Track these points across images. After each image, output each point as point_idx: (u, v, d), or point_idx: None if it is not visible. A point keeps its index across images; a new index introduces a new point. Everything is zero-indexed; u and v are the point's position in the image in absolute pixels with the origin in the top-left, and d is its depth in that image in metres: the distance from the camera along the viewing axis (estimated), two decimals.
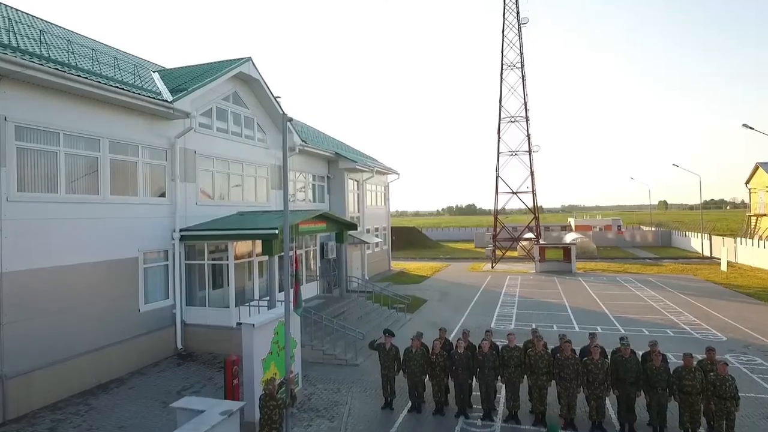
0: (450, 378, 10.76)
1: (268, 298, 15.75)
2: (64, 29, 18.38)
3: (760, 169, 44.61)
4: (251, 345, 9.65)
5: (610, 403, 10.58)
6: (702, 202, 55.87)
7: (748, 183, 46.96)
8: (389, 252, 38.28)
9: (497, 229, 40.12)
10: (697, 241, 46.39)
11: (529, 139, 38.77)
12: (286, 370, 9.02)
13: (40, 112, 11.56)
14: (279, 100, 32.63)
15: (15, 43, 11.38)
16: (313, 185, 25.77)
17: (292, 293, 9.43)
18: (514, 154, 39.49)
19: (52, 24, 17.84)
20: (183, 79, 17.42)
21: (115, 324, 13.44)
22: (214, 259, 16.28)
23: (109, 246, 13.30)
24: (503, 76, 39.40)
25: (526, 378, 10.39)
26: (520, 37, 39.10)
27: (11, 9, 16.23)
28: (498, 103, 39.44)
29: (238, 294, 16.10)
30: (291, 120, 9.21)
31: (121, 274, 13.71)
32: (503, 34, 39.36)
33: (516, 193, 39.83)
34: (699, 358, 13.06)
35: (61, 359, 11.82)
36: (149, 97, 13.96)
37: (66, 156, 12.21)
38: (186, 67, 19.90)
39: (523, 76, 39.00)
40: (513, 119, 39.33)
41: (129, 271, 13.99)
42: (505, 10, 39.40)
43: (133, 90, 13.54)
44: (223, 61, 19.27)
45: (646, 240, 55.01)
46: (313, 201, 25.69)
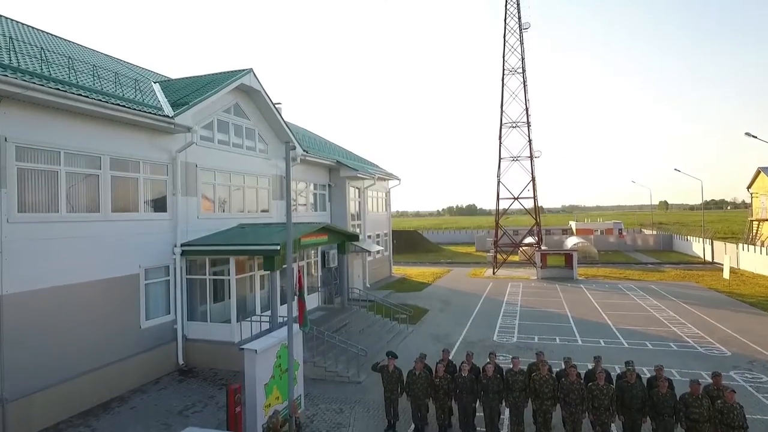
0: (454, 401, 10.68)
1: (270, 313, 15.66)
2: (66, 41, 18.35)
3: (762, 173, 44.53)
4: (254, 371, 9.57)
5: (616, 429, 10.49)
6: (703, 202, 55.79)
7: (749, 187, 46.85)
8: (390, 258, 38.22)
9: (498, 235, 40.02)
10: (698, 246, 46.28)
11: (530, 144, 38.67)
12: (289, 395, 8.96)
13: (41, 131, 11.48)
14: (279, 106, 32.68)
15: (16, 62, 11.31)
16: (315, 194, 25.68)
17: (295, 307, 9.40)
18: (515, 159, 39.41)
19: (53, 36, 17.82)
20: (184, 92, 17.34)
21: (117, 342, 13.37)
22: (215, 273, 16.21)
23: (110, 264, 13.23)
24: (504, 82, 39.29)
25: (530, 402, 10.31)
26: (522, 42, 39.02)
27: (13, 23, 16.19)
28: (499, 108, 39.35)
29: (240, 307, 16.03)
30: (294, 148, 9.14)
31: (123, 291, 13.64)
32: (505, 39, 39.27)
33: (517, 198, 39.74)
34: (704, 374, 13.04)
35: (62, 380, 11.75)
36: (150, 112, 13.88)
37: (67, 174, 12.13)
38: (187, 78, 19.83)
39: (524, 82, 38.89)
40: (514, 124, 39.24)
41: (130, 288, 13.92)
42: (507, 16, 39.31)
43: (134, 106, 13.46)
44: (224, 72, 19.18)
45: (648, 244, 54.92)
46: (315, 210, 25.60)
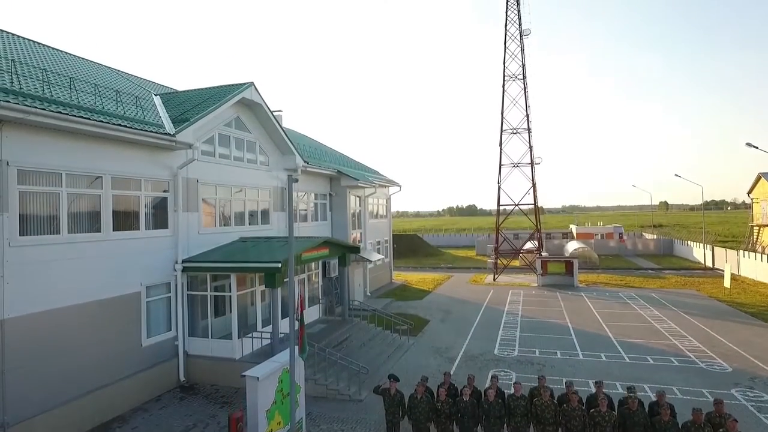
0: (455, 425, 10.68)
1: (271, 329, 15.65)
2: (67, 54, 18.35)
3: (762, 179, 44.52)
4: (255, 398, 9.57)
5: None
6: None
7: (750, 193, 46.84)
8: (391, 264, 38.22)
9: (499, 241, 40.02)
10: (699, 251, 46.28)
11: (531, 151, 38.68)
12: (291, 420, 8.95)
13: (43, 153, 11.48)
14: (280, 113, 32.65)
15: (18, 86, 11.30)
16: (315, 204, 25.67)
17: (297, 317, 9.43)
18: (516, 165, 39.41)
19: (55, 50, 17.82)
20: (185, 107, 17.33)
21: (118, 361, 13.37)
22: (216, 288, 16.21)
23: (111, 283, 13.23)
24: (505, 88, 39.28)
25: (532, 427, 10.31)
26: (522, 49, 39.01)
27: (16, 38, 16.18)
28: (500, 114, 39.33)
29: (241, 321, 16.00)
30: (296, 181, 9.13)
31: (124, 310, 13.64)
32: (505, 46, 39.25)
33: (518, 205, 39.75)
34: (706, 392, 13.02)
35: (63, 401, 11.75)
36: (151, 131, 13.87)
37: (68, 196, 12.13)
38: (188, 91, 19.84)
39: (525, 88, 38.89)
40: (515, 131, 39.23)
41: (131, 306, 13.92)
42: (507, 22, 39.29)
43: (136, 125, 13.46)
44: (224, 86, 19.18)
45: (648, 248, 54.92)
46: (316, 220, 25.60)
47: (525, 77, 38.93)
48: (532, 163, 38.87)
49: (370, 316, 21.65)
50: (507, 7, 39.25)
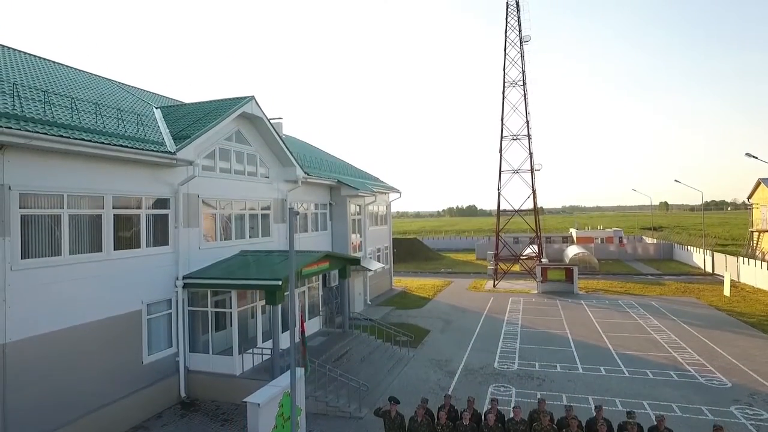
0: None
1: (272, 345, 15.67)
2: (68, 68, 18.41)
3: (762, 184, 44.56)
4: (256, 424, 9.63)
5: None
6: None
7: (750, 198, 46.88)
8: (391, 271, 38.28)
9: (499, 248, 40.06)
10: (699, 257, 46.33)
11: (531, 157, 38.72)
12: None
13: (44, 176, 11.53)
14: (280, 121, 32.68)
15: (20, 108, 11.34)
16: (315, 214, 25.69)
17: (297, 335, 9.45)
18: (516, 172, 39.45)
19: (57, 64, 17.87)
20: (185, 121, 17.37)
21: (119, 379, 13.41)
22: (217, 303, 16.26)
23: (112, 302, 13.27)
24: (505, 94, 39.34)
25: None
26: (522, 55, 39.06)
27: (17, 55, 16.22)
28: (500, 121, 39.37)
29: (242, 335, 16.01)
30: (298, 214, 9.17)
31: (125, 328, 13.68)
32: (505, 52, 39.28)
33: (518, 211, 39.80)
34: (705, 409, 13.08)
35: (64, 422, 11.80)
36: (152, 150, 13.92)
37: (70, 217, 12.17)
38: (188, 105, 19.87)
39: (525, 94, 38.92)
40: (515, 137, 39.28)
41: (132, 324, 13.96)
42: (507, 28, 39.33)
43: (137, 145, 13.50)
44: (225, 99, 19.23)
45: (648, 253, 54.96)
46: (316, 230, 25.64)
47: (525, 83, 38.98)
48: (532, 170, 38.94)
49: (370, 327, 21.69)
50: (507, 14, 39.31)
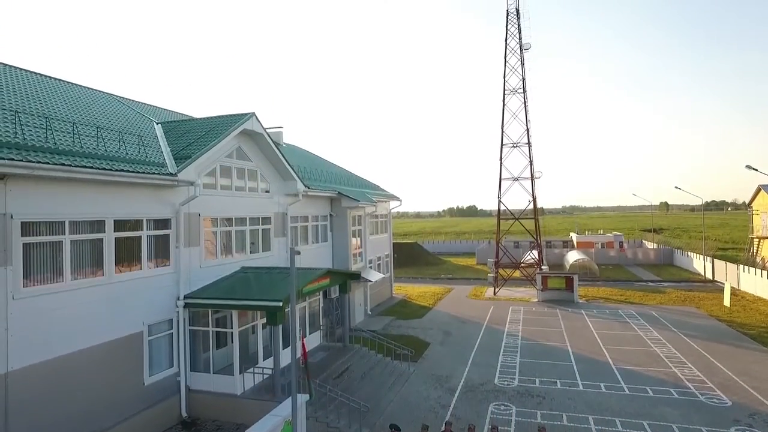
0: None
1: (273, 364, 15.70)
2: (68, 84, 18.45)
3: (762, 191, 44.60)
4: None
5: None
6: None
7: (750, 204, 46.92)
8: (391, 279, 38.34)
9: (499, 255, 40.09)
10: (699, 263, 46.37)
11: (531, 165, 38.75)
12: None
13: (46, 203, 11.57)
14: (280, 130, 32.66)
15: (21, 136, 11.37)
16: (316, 225, 25.72)
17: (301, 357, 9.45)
18: (516, 179, 39.49)
19: (56, 80, 17.89)
20: (186, 139, 17.41)
21: (120, 402, 13.44)
22: (218, 321, 16.33)
23: (114, 325, 13.31)
24: (505, 102, 39.36)
25: None
26: (522, 63, 39.08)
27: (18, 74, 16.26)
28: (500, 128, 39.41)
29: (242, 351, 16.01)
30: (299, 253, 9.21)
31: (126, 350, 13.71)
32: (505, 60, 39.30)
33: (518, 219, 39.86)
34: (705, 430, 13.04)
35: None
36: (153, 172, 13.96)
37: (71, 242, 12.21)
38: (189, 121, 19.92)
39: (525, 102, 38.95)
40: (515, 144, 39.31)
41: (134, 346, 14.00)
42: (507, 36, 39.34)
43: (138, 168, 13.54)
44: (226, 116, 19.26)
45: (648, 258, 55.02)
46: (316, 242, 25.67)
47: (525, 91, 39.01)
48: (532, 177, 38.98)
49: (370, 341, 21.72)
50: (507, 22, 39.31)
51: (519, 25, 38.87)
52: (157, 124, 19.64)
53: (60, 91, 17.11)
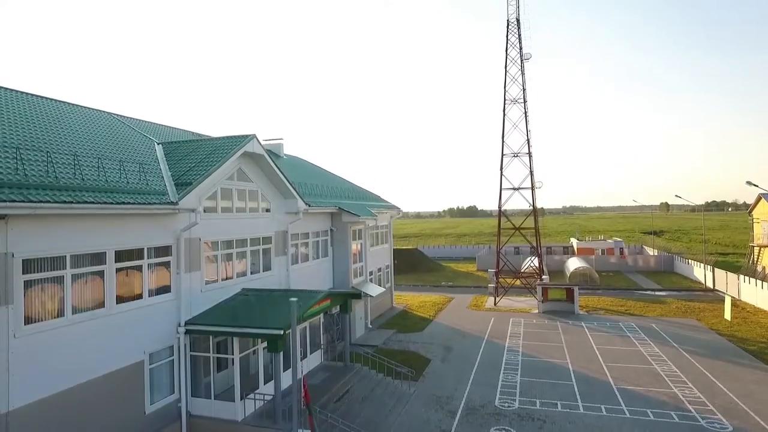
0: None
1: (274, 389, 15.70)
2: (69, 106, 18.48)
3: (763, 199, 44.58)
4: None
5: None
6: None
7: (750, 213, 46.91)
8: (392, 289, 38.33)
9: (500, 265, 40.10)
10: (699, 271, 46.37)
11: (531, 176, 38.76)
12: None
13: (47, 239, 11.56)
14: (281, 142, 32.58)
15: (23, 173, 11.37)
16: (317, 241, 25.71)
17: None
18: (516, 190, 39.50)
19: (56, 102, 17.91)
20: (187, 162, 17.39)
21: None
22: (219, 344, 16.34)
23: (115, 356, 13.31)
24: (506, 112, 39.33)
25: None
26: (523, 73, 39.07)
27: (18, 98, 16.25)
28: (501, 139, 39.41)
29: (243, 373, 15.98)
30: (299, 302, 9.20)
31: (128, 380, 13.71)
32: (506, 70, 39.28)
33: (518, 229, 39.86)
34: None
35: None
36: (154, 202, 13.96)
37: (72, 276, 12.21)
38: (190, 142, 19.87)
39: (525, 112, 38.96)
40: (516, 155, 39.29)
41: (135, 375, 14.00)
42: (508, 45, 39.31)
43: (139, 200, 13.54)
44: (227, 138, 19.25)
45: (649, 265, 55.01)
46: (317, 257, 25.66)
47: (525, 101, 38.99)
48: (532, 188, 38.99)
49: (371, 360, 21.73)
50: (508, 31, 39.28)
51: (519, 35, 38.88)
52: (157, 144, 19.65)
53: (60, 115, 17.12)
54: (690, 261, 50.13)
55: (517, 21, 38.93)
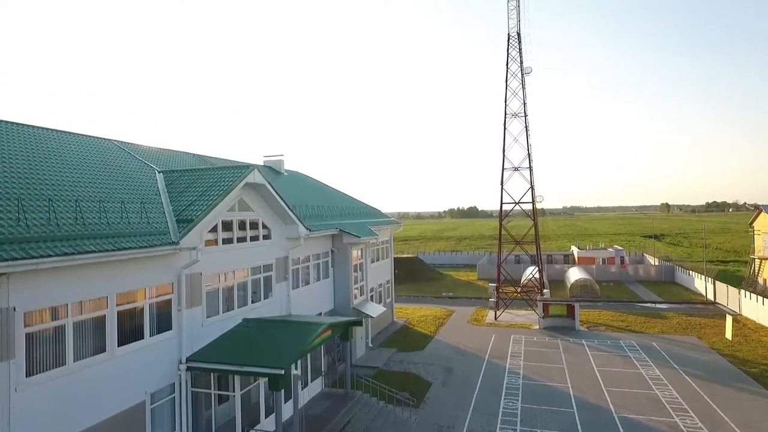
0: None
1: (275, 426, 15.71)
2: (69, 136, 18.49)
3: (764, 212, 44.59)
4: None
5: None
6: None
7: (751, 224, 46.91)
8: (392, 303, 38.35)
9: (500, 279, 40.10)
10: (700, 283, 46.36)
11: (532, 190, 38.73)
12: None
13: (49, 291, 11.52)
14: (281, 158, 32.55)
15: (24, 223, 11.34)
16: (317, 264, 25.70)
17: None
18: (517, 204, 39.49)
19: (55, 132, 17.90)
20: (188, 196, 17.36)
21: None
22: (219, 378, 16.34)
23: (117, 400, 13.27)
24: (506, 126, 39.30)
25: None
26: (524, 87, 39.02)
27: (17, 134, 16.24)
28: (501, 153, 39.36)
29: (244, 404, 15.95)
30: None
31: (129, 422, 13.66)
32: (506, 84, 39.23)
33: (519, 243, 39.85)
34: None
35: None
36: (156, 244, 13.94)
37: (74, 324, 12.19)
38: (191, 172, 19.84)
39: (526, 126, 38.91)
40: (516, 168, 39.27)
41: (137, 416, 13.96)
42: (509, 60, 39.25)
43: (140, 243, 13.53)
44: (228, 168, 19.24)
45: (650, 275, 55.01)
46: (318, 279, 25.65)
47: (526, 115, 38.95)
48: (533, 201, 38.97)
49: (372, 387, 21.74)
50: (508, 45, 39.23)
51: (520, 48, 38.83)
52: (158, 172, 19.65)
53: (60, 149, 17.10)
54: (691, 272, 50.11)
55: (518, 35, 38.89)
